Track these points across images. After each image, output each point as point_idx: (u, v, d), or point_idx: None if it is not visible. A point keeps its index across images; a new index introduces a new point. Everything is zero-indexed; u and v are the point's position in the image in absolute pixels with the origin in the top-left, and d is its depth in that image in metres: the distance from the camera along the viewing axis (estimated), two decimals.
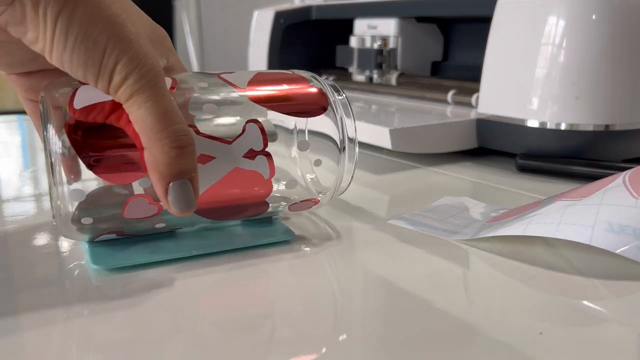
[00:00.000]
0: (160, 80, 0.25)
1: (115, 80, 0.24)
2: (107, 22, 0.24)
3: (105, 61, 0.24)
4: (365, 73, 0.73)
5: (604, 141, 0.46)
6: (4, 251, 0.30)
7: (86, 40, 0.24)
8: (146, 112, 0.25)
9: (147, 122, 0.25)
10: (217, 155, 0.28)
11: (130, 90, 0.24)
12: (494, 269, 0.28)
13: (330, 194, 0.33)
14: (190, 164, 0.26)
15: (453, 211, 0.37)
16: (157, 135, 0.25)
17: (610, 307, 0.25)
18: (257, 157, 0.29)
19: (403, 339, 0.22)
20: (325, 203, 0.33)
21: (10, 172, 0.46)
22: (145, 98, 0.24)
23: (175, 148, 0.25)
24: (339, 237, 0.32)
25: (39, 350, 0.21)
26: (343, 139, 0.31)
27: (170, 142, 0.25)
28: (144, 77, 0.24)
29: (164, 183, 0.25)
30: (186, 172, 0.26)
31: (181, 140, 0.25)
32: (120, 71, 0.24)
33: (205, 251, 0.29)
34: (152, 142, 0.25)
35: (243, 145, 0.29)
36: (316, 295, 0.26)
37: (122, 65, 0.24)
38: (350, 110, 0.32)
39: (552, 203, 0.31)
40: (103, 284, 0.26)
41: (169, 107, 0.25)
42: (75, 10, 0.23)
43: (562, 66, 0.46)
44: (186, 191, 0.26)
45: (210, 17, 1.62)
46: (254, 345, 0.21)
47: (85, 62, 0.24)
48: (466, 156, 0.53)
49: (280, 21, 0.80)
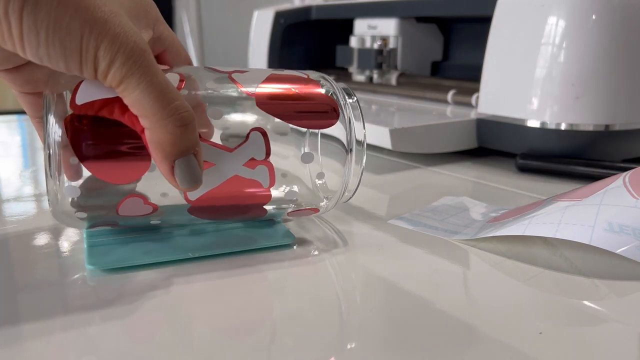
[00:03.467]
0: (148, 57, 0.24)
1: (101, 66, 0.23)
2: (77, 5, 0.22)
3: (85, 48, 0.23)
4: (365, 73, 0.73)
5: (604, 141, 0.46)
6: (4, 251, 0.30)
7: (58, 29, 0.22)
8: (142, 94, 0.24)
9: (145, 104, 0.24)
10: (217, 162, 0.28)
11: (120, 75, 0.23)
12: (494, 269, 0.28)
13: (335, 199, 0.32)
14: (193, 140, 0.25)
15: (453, 211, 0.37)
16: (158, 116, 0.24)
17: (610, 307, 0.25)
18: (258, 167, 0.29)
19: (403, 339, 0.22)
20: (330, 208, 0.33)
21: (10, 172, 0.46)
22: (137, 80, 0.23)
23: (180, 127, 0.24)
24: (339, 238, 0.32)
25: (37, 351, 0.21)
26: (350, 141, 0.31)
27: (173, 120, 0.24)
28: (130, 57, 0.23)
29: (170, 161, 0.25)
30: (190, 148, 0.25)
31: (183, 117, 0.24)
32: (103, 56, 0.23)
33: (203, 253, 0.29)
34: (154, 123, 0.24)
35: (245, 154, 0.29)
36: (316, 295, 0.26)
37: (104, 50, 0.23)
38: (361, 113, 0.31)
39: (553, 203, 0.31)
40: (99, 285, 0.26)
41: (164, 84, 0.24)
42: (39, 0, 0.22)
43: (562, 66, 0.46)
44: (192, 166, 0.25)
45: (210, 17, 1.62)
46: (253, 348, 0.21)
47: (63, 53, 0.23)
48: (466, 156, 0.53)
49: (280, 21, 0.80)
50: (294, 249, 0.30)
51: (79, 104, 0.25)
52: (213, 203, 0.29)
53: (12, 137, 0.60)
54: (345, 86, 0.32)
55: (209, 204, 0.29)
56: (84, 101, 0.25)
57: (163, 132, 0.24)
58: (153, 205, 0.28)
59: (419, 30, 0.70)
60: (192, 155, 0.25)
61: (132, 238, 0.30)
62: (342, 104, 0.31)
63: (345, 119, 0.30)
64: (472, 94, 0.57)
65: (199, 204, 0.28)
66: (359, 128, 0.31)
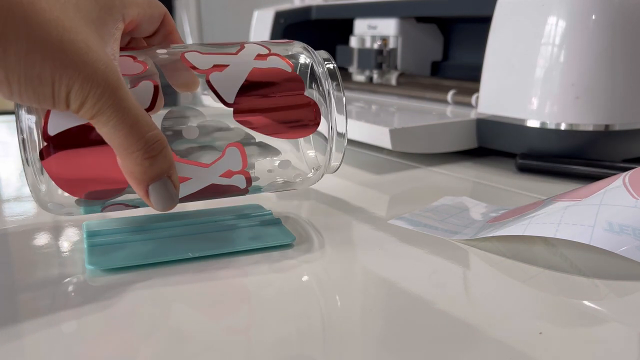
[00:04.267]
0: (119, 93, 0.24)
1: (72, 107, 0.24)
2: (45, 49, 0.22)
3: (57, 93, 0.23)
4: (365, 73, 0.73)
5: (604, 141, 0.46)
6: (4, 251, 0.30)
7: (30, 80, 0.22)
8: (112, 130, 0.24)
9: (115, 140, 0.25)
10: (193, 176, 0.29)
11: (91, 113, 0.24)
12: (494, 269, 0.28)
13: (321, 170, 0.32)
14: (165, 165, 0.26)
15: (453, 211, 0.37)
16: (128, 150, 0.25)
17: (610, 307, 0.25)
18: (235, 176, 0.29)
19: (403, 339, 0.22)
20: (315, 181, 0.33)
21: (10, 172, 0.46)
22: (107, 117, 0.24)
23: (149, 158, 0.25)
24: (339, 237, 0.32)
25: (37, 350, 0.21)
26: (330, 109, 0.30)
27: (142, 154, 0.25)
28: (101, 97, 0.24)
29: (144, 187, 0.26)
30: (163, 173, 0.26)
31: (153, 149, 0.25)
32: (75, 99, 0.23)
33: (203, 254, 0.29)
34: (124, 157, 0.25)
35: (221, 167, 0.29)
36: (316, 295, 0.26)
37: (75, 93, 0.23)
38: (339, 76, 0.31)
39: (552, 203, 0.31)
40: (99, 285, 0.26)
41: (134, 119, 0.24)
42: (6, 51, 0.22)
43: (562, 66, 0.46)
44: (166, 189, 0.26)
45: (210, 17, 1.62)
46: (254, 348, 0.21)
47: (37, 99, 0.23)
48: (466, 156, 0.53)
49: (280, 21, 0.79)
50: (294, 246, 0.30)
51: (52, 135, 0.25)
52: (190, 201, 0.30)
53: (12, 137, 0.60)
54: (327, 56, 0.32)
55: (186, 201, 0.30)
56: (57, 131, 0.25)
57: (133, 164, 0.25)
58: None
59: (419, 30, 0.70)
60: (166, 178, 0.26)
61: (132, 238, 0.30)
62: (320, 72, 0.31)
63: (325, 90, 0.30)
64: (472, 94, 0.57)
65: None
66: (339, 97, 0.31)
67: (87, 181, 0.27)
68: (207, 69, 0.29)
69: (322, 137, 0.31)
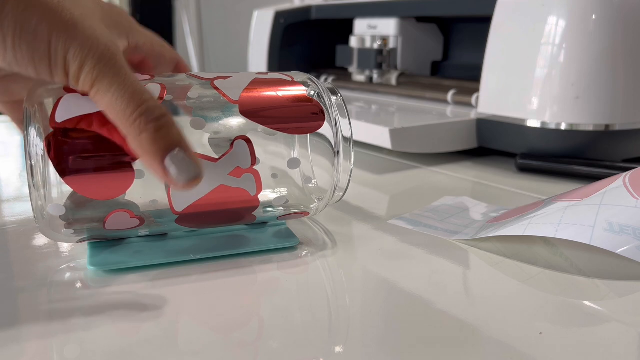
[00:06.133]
0: (118, 60, 0.23)
1: (71, 70, 0.23)
2: (44, 8, 0.22)
3: (54, 52, 0.22)
4: (365, 73, 0.73)
5: (604, 141, 0.46)
6: (4, 251, 0.30)
7: (25, 34, 0.22)
8: (114, 98, 0.23)
9: (117, 108, 0.23)
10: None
11: (91, 78, 0.23)
12: (494, 269, 0.28)
13: (326, 200, 0.32)
14: (175, 135, 0.24)
15: (453, 211, 0.37)
16: (131, 118, 0.23)
17: (610, 307, 0.25)
18: (244, 175, 0.29)
19: (403, 339, 0.22)
20: (321, 209, 0.32)
21: (10, 172, 0.46)
22: (109, 83, 0.23)
23: (152, 121, 0.24)
24: (339, 238, 0.32)
25: (37, 351, 0.21)
26: (337, 142, 0.30)
27: (145, 118, 0.23)
28: (100, 60, 0.23)
29: (159, 161, 0.24)
30: (174, 142, 0.24)
31: (155, 112, 0.24)
32: (73, 60, 0.22)
33: (206, 255, 0.29)
34: (128, 126, 0.24)
35: (230, 163, 0.28)
36: (316, 295, 0.26)
37: (74, 53, 0.22)
38: (346, 110, 0.31)
39: (553, 204, 0.31)
40: (100, 286, 0.26)
41: (135, 86, 0.24)
42: (4, 4, 0.21)
43: (562, 66, 0.46)
44: (183, 159, 0.24)
45: (210, 17, 1.62)
46: (254, 348, 0.21)
47: (32, 57, 0.22)
48: (466, 156, 0.53)
49: (280, 21, 0.80)
50: (296, 250, 0.30)
51: (59, 122, 0.25)
52: (200, 213, 0.29)
53: (12, 137, 0.60)
54: (330, 85, 0.32)
55: (196, 213, 0.29)
56: (64, 119, 0.25)
57: (138, 131, 0.24)
58: (139, 219, 0.28)
59: (419, 30, 0.70)
60: (180, 149, 0.24)
61: (134, 239, 0.30)
62: (327, 104, 0.30)
63: (332, 120, 0.30)
64: (472, 94, 0.57)
65: (186, 213, 0.28)
66: (346, 127, 0.30)
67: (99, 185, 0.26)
68: (211, 78, 0.29)
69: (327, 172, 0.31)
